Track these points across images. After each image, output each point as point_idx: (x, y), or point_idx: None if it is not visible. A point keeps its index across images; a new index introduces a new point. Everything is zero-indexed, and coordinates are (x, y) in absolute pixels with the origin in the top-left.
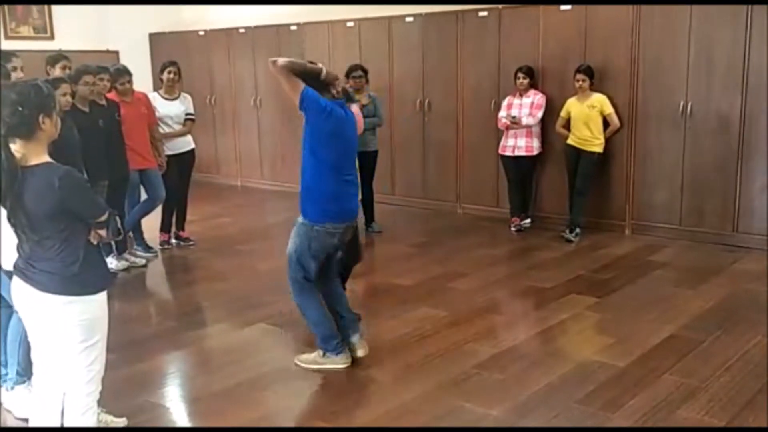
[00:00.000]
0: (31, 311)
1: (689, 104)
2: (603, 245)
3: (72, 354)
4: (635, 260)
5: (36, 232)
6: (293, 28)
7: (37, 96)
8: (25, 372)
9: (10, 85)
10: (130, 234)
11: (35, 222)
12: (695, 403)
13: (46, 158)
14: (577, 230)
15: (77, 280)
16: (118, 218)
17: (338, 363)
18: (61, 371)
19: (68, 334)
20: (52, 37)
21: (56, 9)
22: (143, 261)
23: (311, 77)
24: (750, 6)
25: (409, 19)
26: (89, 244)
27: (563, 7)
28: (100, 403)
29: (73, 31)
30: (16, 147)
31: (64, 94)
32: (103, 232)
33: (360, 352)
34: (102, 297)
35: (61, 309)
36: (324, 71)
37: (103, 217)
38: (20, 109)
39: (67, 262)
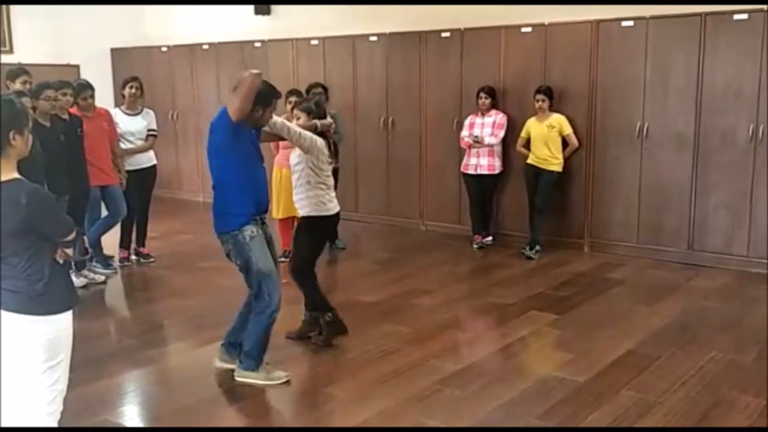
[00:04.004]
0: None
1: (646, 124)
2: (562, 262)
3: (34, 374)
4: (594, 277)
5: (2, 249)
6: (257, 45)
7: (9, 112)
8: None
9: None
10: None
11: (1, 239)
12: (652, 418)
13: (15, 175)
14: (537, 248)
15: (42, 299)
16: (85, 237)
17: None
18: (22, 391)
19: (31, 353)
20: (11, 51)
21: (16, 21)
22: (102, 278)
23: None
24: (702, 28)
25: (373, 38)
26: (55, 262)
27: (524, 29)
28: (60, 423)
29: (34, 44)
30: None
31: None
32: (69, 251)
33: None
34: (68, 316)
35: (25, 328)
36: None
37: (71, 236)
38: None
39: (32, 280)
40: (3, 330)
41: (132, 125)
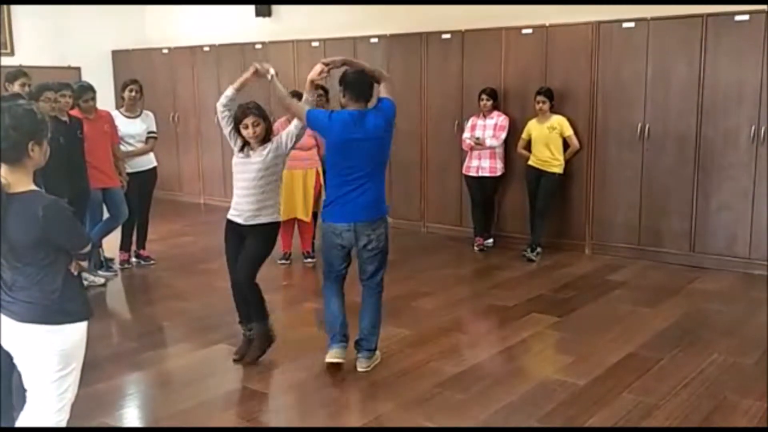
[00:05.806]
0: (10, 342)
1: (647, 126)
2: (563, 264)
3: (45, 383)
4: (595, 280)
5: (17, 260)
6: (258, 46)
7: (30, 122)
8: None
9: (5, 108)
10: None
11: (17, 250)
12: (653, 421)
13: (32, 186)
14: (539, 250)
15: (56, 309)
16: (101, 250)
17: (329, 356)
18: (32, 399)
19: (44, 363)
20: (12, 53)
21: (17, 24)
22: (102, 280)
23: None
24: (703, 29)
25: (374, 40)
26: (69, 273)
27: (525, 31)
28: None
29: (35, 46)
30: (2, 172)
31: None
32: (84, 264)
33: (358, 366)
34: (82, 327)
35: (39, 338)
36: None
37: (87, 249)
38: (12, 133)
39: (46, 291)
40: (17, 339)
41: (131, 128)
